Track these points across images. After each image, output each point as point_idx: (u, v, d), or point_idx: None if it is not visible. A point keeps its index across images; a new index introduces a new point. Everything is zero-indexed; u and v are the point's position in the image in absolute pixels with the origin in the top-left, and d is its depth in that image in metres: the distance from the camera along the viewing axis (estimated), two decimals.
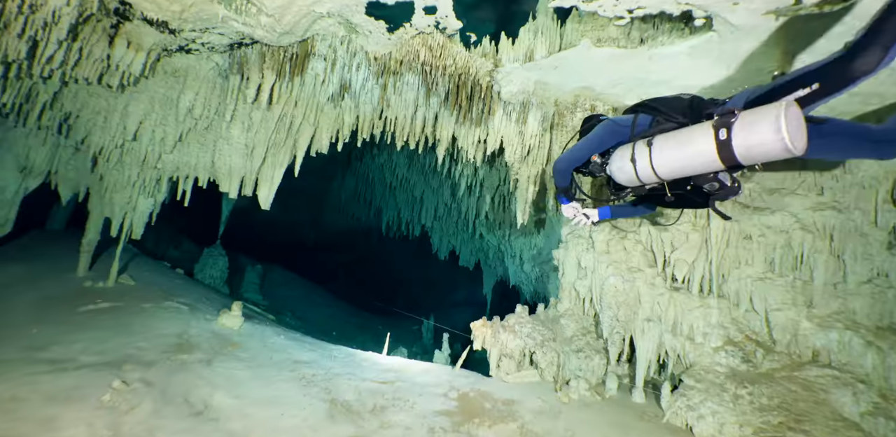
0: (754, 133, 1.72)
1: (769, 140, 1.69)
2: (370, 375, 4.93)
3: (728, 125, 1.79)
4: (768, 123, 1.69)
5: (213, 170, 5.45)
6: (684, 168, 1.97)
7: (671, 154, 1.98)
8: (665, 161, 2.01)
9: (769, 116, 1.69)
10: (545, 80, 5.01)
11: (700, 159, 1.89)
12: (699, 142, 1.87)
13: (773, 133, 1.68)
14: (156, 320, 4.97)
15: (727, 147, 1.79)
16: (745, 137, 1.75)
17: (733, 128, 1.78)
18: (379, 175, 11.90)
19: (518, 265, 8.75)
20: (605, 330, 4.81)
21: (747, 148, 1.76)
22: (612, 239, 5.01)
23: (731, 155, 1.80)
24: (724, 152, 1.81)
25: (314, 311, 11.01)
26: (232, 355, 4.61)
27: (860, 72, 1.59)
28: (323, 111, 5.67)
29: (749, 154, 1.78)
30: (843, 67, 1.62)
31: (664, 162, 2.01)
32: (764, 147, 1.72)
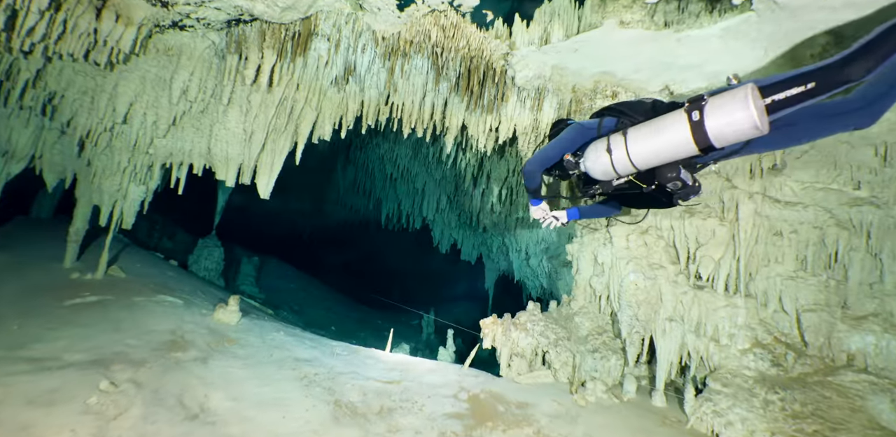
0: (725, 113, 1.82)
1: (739, 118, 1.79)
2: (375, 374, 4.67)
3: (700, 108, 1.89)
4: (737, 102, 1.80)
5: (209, 156, 5.13)
6: (659, 154, 2.03)
7: (646, 141, 2.04)
8: (641, 149, 2.06)
9: (738, 97, 1.81)
10: (563, 64, 4.71)
11: (675, 143, 1.96)
12: (673, 126, 1.95)
13: (742, 111, 1.78)
14: (147, 314, 4.67)
15: (700, 128, 1.87)
16: (717, 117, 1.84)
17: (705, 109, 1.87)
18: (379, 166, 11.57)
19: (523, 260, 8.49)
20: (624, 330, 4.56)
21: (719, 127, 1.84)
22: (632, 234, 4.74)
23: (704, 136, 1.88)
24: (697, 133, 1.89)
25: (312, 305, 10.74)
26: (229, 352, 4.34)
27: (852, 77, 1.74)
28: (326, 95, 5.34)
29: (721, 133, 1.86)
30: (837, 71, 1.76)
31: (640, 150, 2.06)
32: (734, 126, 1.82)
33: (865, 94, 1.93)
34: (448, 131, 5.77)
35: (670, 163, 2.09)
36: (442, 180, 10.03)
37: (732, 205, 4.33)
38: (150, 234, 9.64)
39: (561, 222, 2.81)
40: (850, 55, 1.77)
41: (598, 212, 2.89)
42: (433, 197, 10.49)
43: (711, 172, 4.52)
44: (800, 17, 3.43)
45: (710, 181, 4.48)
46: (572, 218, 2.85)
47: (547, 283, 7.85)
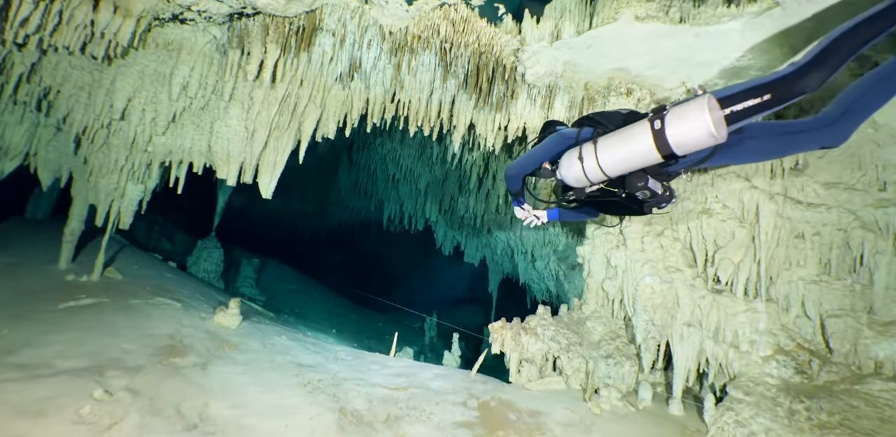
0: (684, 122, 1.89)
1: (696, 126, 1.86)
2: (380, 380, 4.50)
3: (662, 117, 1.96)
4: (694, 111, 1.87)
5: (209, 154, 4.97)
6: (627, 161, 2.11)
7: (614, 150, 2.13)
8: (609, 157, 2.14)
9: (695, 106, 1.88)
10: (576, 60, 4.57)
11: (640, 151, 2.04)
12: (638, 135, 2.04)
13: (699, 120, 1.84)
14: (145, 318, 4.51)
15: (662, 136, 1.95)
16: (677, 126, 1.91)
17: (666, 119, 1.95)
18: (382, 167, 11.41)
19: (529, 262, 8.33)
20: (639, 335, 4.40)
21: (679, 135, 1.92)
22: (647, 236, 4.59)
23: (665, 143, 1.95)
24: (659, 141, 1.96)
25: (312, 307, 10.56)
26: (229, 357, 4.17)
27: (807, 88, 1.80)
28: (330, 92, 5.19)
29: (681, 141, 1.93)
30: (792, 83, 1.82)
31: (608, 158, 2.15)
32: (693, 133, 1.89)
33: (833, 113, 2.01)
34: (455, 130, 5.61)
35: (638, 172, 2.17)
36: (445, 181, 9.88)
37: (753, 206, 4.18)
38: (148, 235, 9.47)
39: (542, 221, 2.95)
40: (804, 67, 1.83)
41: (576, 215, 3.00)
42: (436, 198, 10.33)
43: (730, 172, 4.37)
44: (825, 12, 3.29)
45: (728, 182, 4.33)
46: (552, 218, 3.00)
47: (554, 286, 7.69)
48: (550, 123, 2.78)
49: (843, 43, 1.78)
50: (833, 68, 1.77)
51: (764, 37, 3.78)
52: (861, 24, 1.79)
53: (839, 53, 1.78)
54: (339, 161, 13.19)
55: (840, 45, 1.78)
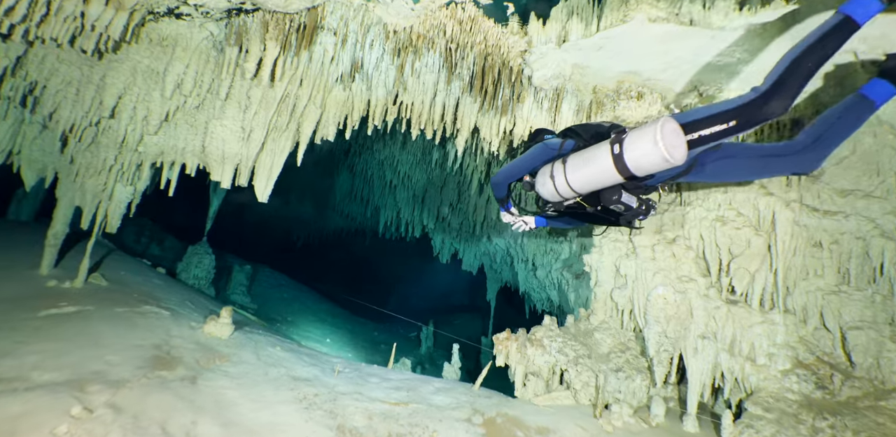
0: (639, 146, 1.95)
1: (650, 151, 1.91)
2: (380, 394, 4.27)
3: (621, 141, 2.03)
4: (648, 136, 1.92)
5: (203, 155, 4.76)
6: (591, 181, 2.16)
7: (580, 170, 2.18)
8: (576, 176, 2.20)
9: (649, 131, 1.93)
10: (585, 63, 4.44)
11: (602, 172, 2.09)
12: (600, 157, 2.10)
13: (652, 145, 1.90)
14: (130, 327, 4.25)
15: (621, 160, 2.01)
16: (633, 150, 1.97)
17: (624, 143, 2.01)
18: (379, 173, 11.23)
19: (529, 271, 8.15)
20: (652, 348, 4.21)
21: (636, 159, 1.97)
22: (658, 244, 4.43)
23: (624, 166, 2.01)
24: (618, 164, 2.02)
25: (306, 315, 10.28)
26: (221, 370, 3.92)
27: (772, 115, 1.84)
28: (331, 93, 5.02)
29: (638, 165, 1.98)
30: (756, 110, 1.86)
31: (576, 177, 2.20)
32: (648, 157, 1.94)
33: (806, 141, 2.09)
34: (459, 133, 5.46)
35: (613, 186, 2.20)
36: (444, 187, 9.72)
37: (769, 214, 4.04)
38: (137, 239, 9.18)
39: (529, 226, 2.98)
40: (766, 94, 1.86)
41: (563, 223, 3.01)
42: (434, 205, 10.15)
43: None
44: None
45: (743, 188, 4.20)
46: (540, 224, 3.03)
47: (556, 295, 7.50)
48: (539, 132, 2.82)
49: (799, 68, 1.82)
50: (793, 94, 1.83)
51: (782, 37, 3.67)
52: (812, 47, 1.82)
53: (797, 79, 1.82)
54: (336, 167, 13.00)
55: (796, 71, 1.82)
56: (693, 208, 4.37)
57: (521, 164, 2.60)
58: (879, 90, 2.09)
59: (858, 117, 2.10)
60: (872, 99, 2.08)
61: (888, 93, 2.08)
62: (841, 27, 1.81)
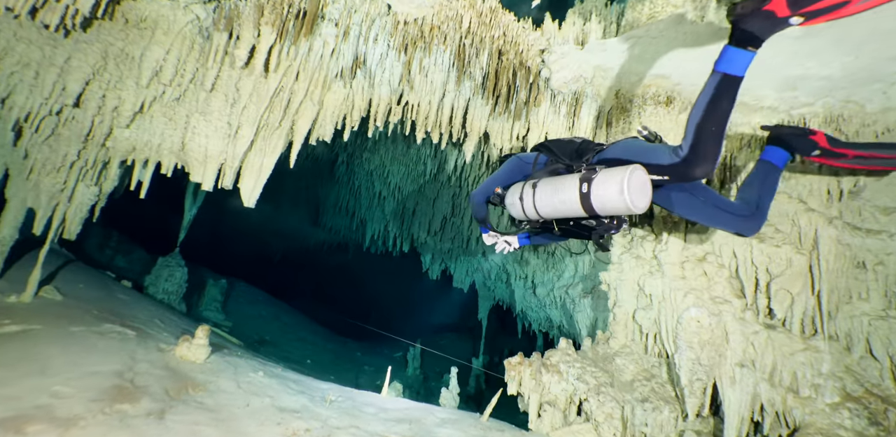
0: (606, 191, 1.99)
1: (615, 199, 1.97)
2: (379, 427, 3.72)
3: (589, 180, 2.04)
4: (615, 183, 1.96)
5: (182, 153, 4.22)
6: (558, 211, 2.20)
7: (548, 198, 2.21)
8: (543, 203, 2.23)
9: (617, 178, 1.96)
10: (609, 64, 4.12)
11: (568, 206, 2.13)
12: (568, 191, 2.12)
13: (618, 194, 1.95)
14: (87, 350, 3.61)
15: (587, 199, 2.04)
16: (599, 193, 2.01)
17: (593, 183, 2.03)
18: (367, 184, 10.73)
19: (528, 289, 7.71)
20: (684, 376, 3.79)
21: (601, 202, 2.02)
22: (688, 261, 4.06)
23: (589, 206, 2.05)
24: (584, 203, 2.06)
25: (285, 334, 9.57)
26: (195, 401, 3.32)
27: (700, 178, 1.96)
28: (330, 89, 4.58)
29: (603, 207, 2.03)
30: (684, 174, 1.97)
31: (543, 204, 2.23)
32: (612, 203, 1.99)
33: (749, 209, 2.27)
34: (468, 138, 5.06)
35: None
36: (437, 200, 9.28)
37: (811, 230, 3.72)
38: (100, 249, 8.39)
39: (513, 246, 2.94)
40: (687, 161, 1.94)
41: (546, 239, 3.00)
42: (426, 218, 9.69)
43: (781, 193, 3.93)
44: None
45: (781, 202, 3.89)
46: (523, 243, 2.98)
47: (557, 315, 7.07)
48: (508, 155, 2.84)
49: (706, 133, 1.86)
50: (713, 156, 1.90)
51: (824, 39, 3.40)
52: (708, 110, 1.86)
53: (709, 143, 1.87)
54: (321, 177, 12.44)
55: (704, 137, 1.87)
56: None
57: (496, 179, 2.62)
58: (777, 156, 2.39)
59: (775, 180, 2.39)
60: (776, 164, 2.36)
61: (785, 157, 2.39)
62: (725, 84, 1.85)
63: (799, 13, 1.73)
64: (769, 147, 2.44)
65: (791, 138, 2.52)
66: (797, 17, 1.76)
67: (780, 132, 2.56)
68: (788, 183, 3.96)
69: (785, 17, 1.76)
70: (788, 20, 1.77)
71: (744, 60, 1.84)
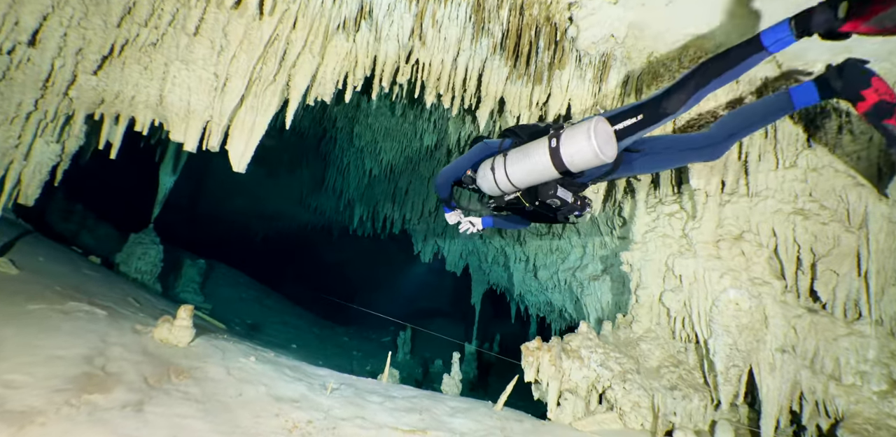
0: (574, 142, 2.08)
1: (583, 147, 2.06)
2: (388, 418, 3.34)
3: (558, 136, 2.15)
4: (582, 133, 2.06)
5: (160, 108, 3.67)
6: (530, 174, 2.26)
7: (519, 163, 2.28)
8: (515, 169, 2.30)
9: (583, 128, 2.07)
10: (645, 22, 3.70)
11: (540, 166, 2.20)
12: (538, 151, 2.21)
13: (585, 141, 2.04)
14: (48, 332, 3.10)
15: (557, 154, 2.14)
16: (568, 145, 2.10)
17: (561, 138, 2.13)
18: (357, 161, 10.18)
19: (529, 272, 7.39)
20: (720, 363, 3.50)
21: (570, 154, 2.10)
22: (723, 240, 3.75)
23: (559, 161, 2.13)
24: (555, 159, 2.14)
25: (268, 318, 9.07)
26: (179, 390, 2.86)
27: (668, 111, 2.04)
28: (331, 41, 4.06)
29: (572, 160, 2.11)
30: (657, 106, 2.06)
31: (515, 170, 2.30)
32: (581, 154, 2.08)
33: (719, 136, 2.21)
34: (482, 104, 4.62)
35: (549, 182, 2.29)
36: (433, 179, 8.82)
37: (860, 207, 3.44)
38: (63, 224, 7.67)
39: (476, 228, 2.97)
40: (667, 91, 2.02)
41: (509, 223, 3.01)
42: (420, 198, 9.24)
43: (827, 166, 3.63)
44: None
45: (827, 176, 3.59)
46: (486, 225, 3.00)
47: (560, 298, 6.77)
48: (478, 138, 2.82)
49: (700, 73, 1.96)
50: (689, 93, 1.96)
51: None
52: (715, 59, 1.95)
53: (695, 81, 1.95)
54: (306, 154, 11.81)
55: (696, 75, 1.96)
56: (763, 200, 3.72)
57: (463, 162, 2.65)
58: (806, 95, 2.10)
59: (774, 113, 2.17)
60: (794, 101, 2.12)
61: (812, 100, 2.10)
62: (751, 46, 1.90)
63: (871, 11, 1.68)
64: (809, 83, 2.08)
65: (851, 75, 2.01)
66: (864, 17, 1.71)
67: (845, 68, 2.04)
68: (833, 156, 3.66)
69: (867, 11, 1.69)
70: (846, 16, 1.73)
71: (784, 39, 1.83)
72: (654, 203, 4.38)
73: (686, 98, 1.98)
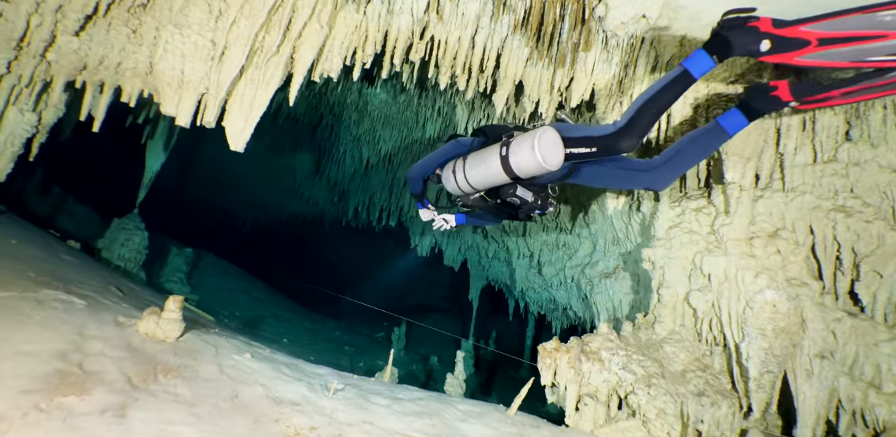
0: (520, 151, 2.20)
1: (528, 157, 2.17)
2: (396, 423, 3.06)
3: (508, 144, 2.26)
4: (527, 143, 2.18)
5: (150, 77, 3.31)
6: (486, 178, 2.37)
7: (476, 168, 2.39)
8: (473, 173, 2.40)
9: (529, 138, 2.19)
10: (679, 1, 3.43)
11: (492, 171, 2.31)
12: (490, 157, 2.32)
13: (530, 151, 2.16)
14: (18, 323, 2.74)
15: (506, 161, 2.25)
16: (515, 154, 2.21)
17: (510, 146, 2.25)
18: (354, 150, 9.82)
19: (532, 268, 7.14)
20: (754, 368, 3.27)
21: (517, 162, 2.22)
22: (757, 237, 3.51)
23: (509, 168, 2.25)
24: (504, 166, 2.25)
25: (257, 310, 8.70)
26: (166, 392, 2.54)
27: (623, 151, 2.12)
28: (341, 11, 3.72)
29: (520, 167, 2.23)
30: (611, 145, 2.13)
31: (472, 174, 2.40)
32: (527, 162, 2.19)
33: (661, 164, 2.33)
34: (500, 87, 4.33)
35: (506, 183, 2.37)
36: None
37: None
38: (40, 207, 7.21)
39: (450, 225, 3.05)
40: (618, 132, 2.10)
41: (479, 220, 3.07)
42: None
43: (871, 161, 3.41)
44: None
45: (870, 172, 3.37)
46: (460, 222, 3.08)
47: (565, 296, 6.54)
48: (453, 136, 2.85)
49: (644, 113, 2.05)
50: (641, 134, 2.07)
51: None
52: (656, 95, 2.04)
53: (643, 122, 2.06)
54: (299, 142, 11.39)
55: (642, 115, 2.05)
56: (800, 195, 3.49)
57: (434, 159, 2.71)
58: (735, 121, 2.25)
59: (711, 145, 2.30)
60: (726, 128, 2.24)
61: (742, 124, 2.26)
62: (680, 79, 2.01)
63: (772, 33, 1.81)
64: (734, 110, 2.29)
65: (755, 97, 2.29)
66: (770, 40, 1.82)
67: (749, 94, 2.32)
68: (878, 150, 3.44)
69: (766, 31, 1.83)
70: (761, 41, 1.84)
71: (705, 66, 1.96)
72: (678, 197, 4.14)
73: (638, 140, 2.09)
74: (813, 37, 1.84)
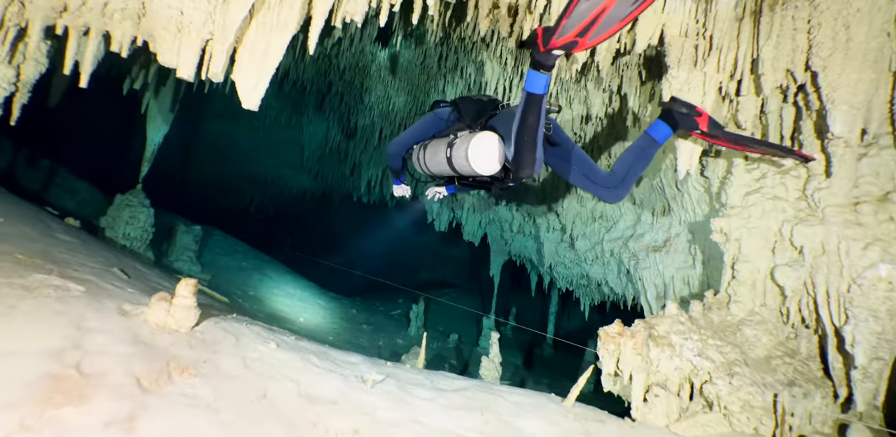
0: (458, 155, 2.23)
1: (464, 163, 2.22)
2: (446, 421, 2.66)
3: (451, 146, 2.28)
4: (463, 150, 2.21)
5: (144, 20, 2.75)
6: (444, 170, 2.40)
7: (431, 159, 2.42)
8: (431, 163, 2.44)
9: (465, 145, 2.22)
10: None
11: (441, 166, 2.37)
12: (440, 154, 2.35)
13: (464, 159, 2.21)
14: (3, 316, 2.30)
15: (450, 161, 2.28)
16: (456, 158, 2.24)
17: (452, 148, 2.27)
18: (366, 120, 9.21)
19: (564, 242, 6.67)
20: (862, 354, 2.82)
21: (458, 165, 2.25)
22: (863, 202, 3.00)
23: (453, 167, 2.29)
24: (449, 164, 2.29)
25: (270, 289, 8.34)
26: (182, 395, 2.11)
27: (525, 178, 2.18)
28: None
29: (461, 170, 2.28)
30: (515, 174, 2.19)
31: (431, 164, 2.45)
32: (462, 167, 2.25)
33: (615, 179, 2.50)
34: None
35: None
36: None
37: None
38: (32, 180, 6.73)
39: (442, 194, 3.12)
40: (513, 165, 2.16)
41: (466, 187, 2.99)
42: None
43: None
44: None
45: None
46: (450, 191, 3.11)
47: (601, 272, 6.09)
48: (435, 103, 2.79)
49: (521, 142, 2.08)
50: (531, 163, 2.11)
51: None
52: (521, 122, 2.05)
53: (525, 151, 2.09)
54: (307, 113, 10.76)
55: (520, 145, 2.09)
56: None
57: (413, 133, 2.71)
58: (661, 131, 2.53)
59: (648, 155, 2.52)
60: (656, 139, 2.50)
61: (668, 134, 2.53)
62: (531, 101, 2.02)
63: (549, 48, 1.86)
64: (658, 121, 2.55)
65: (679, 115, 2.55)
66: (557, 50, 1.88)
67: (673, 106, 2.58)
68: None
69: (548, 50, 1.87)
70: (552, 52, 1.89)
71: (541, 81, 1.97)
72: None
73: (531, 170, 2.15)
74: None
